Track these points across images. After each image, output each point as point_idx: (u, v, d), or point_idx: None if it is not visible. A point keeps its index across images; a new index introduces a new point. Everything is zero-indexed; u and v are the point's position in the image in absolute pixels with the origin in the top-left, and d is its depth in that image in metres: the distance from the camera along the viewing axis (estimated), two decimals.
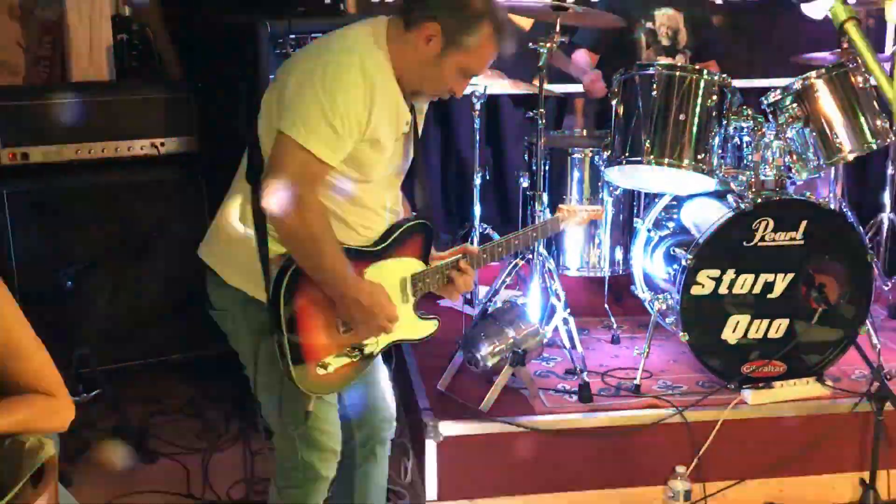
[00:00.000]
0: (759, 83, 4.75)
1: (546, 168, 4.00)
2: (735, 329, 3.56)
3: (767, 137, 3.63)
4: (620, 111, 3.69)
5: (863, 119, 3.67)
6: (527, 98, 3.88)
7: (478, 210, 4.18)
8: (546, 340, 3.69)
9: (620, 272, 4.11)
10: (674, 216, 3.89)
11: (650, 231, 3.86)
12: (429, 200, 2.81)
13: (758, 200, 3.50)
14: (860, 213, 4.46)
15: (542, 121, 3.74)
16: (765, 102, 3.73)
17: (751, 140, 3.66)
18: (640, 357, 3.66)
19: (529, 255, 3.78)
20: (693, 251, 3.49)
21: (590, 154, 4.00)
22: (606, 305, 4.19)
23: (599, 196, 3.99)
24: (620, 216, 4.06)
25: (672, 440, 3.41)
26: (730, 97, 3.64)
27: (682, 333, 3.54)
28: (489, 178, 4.44)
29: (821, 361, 3.62)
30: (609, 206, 3.99)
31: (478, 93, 4.07)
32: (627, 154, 3.61)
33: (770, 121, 3.69)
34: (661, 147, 3.55)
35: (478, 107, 4.10)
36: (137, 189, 4.06)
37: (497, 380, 3.41)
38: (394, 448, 3.18)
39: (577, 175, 4.05)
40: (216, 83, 4.14)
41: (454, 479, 3.33)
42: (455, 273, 2.69)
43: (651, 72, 3.61)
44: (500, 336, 3.49)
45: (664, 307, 3.71)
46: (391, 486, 3.37)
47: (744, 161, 3.73)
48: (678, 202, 3.87)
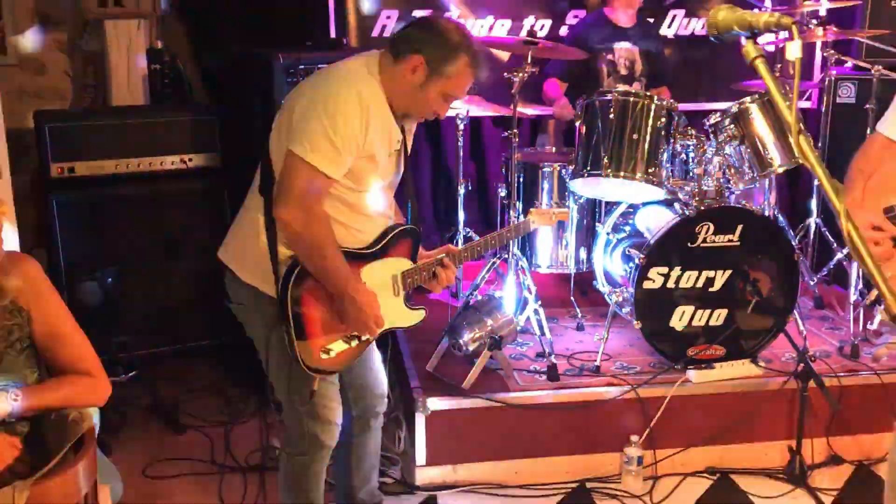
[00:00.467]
0: (705, 106, 4.72)
1: (520, 180, 4.01)
2: (681, 318, 3.57)
3: (709, 153, 3.64)
4: (583, 131, 3.69)
5: (790, 138, 3.73)
6: (505, 119, 3.91)
7: (462, 216, 4.17)
8: (519, 328, 3.72)
9: (584, 269, 4.11)
10: (629, 221, 3.89)
11: (609, 234, 3.87)
12: (417, 208, 2.84)
13: (700, 207, 3.51)
14: (792, 218, 4.47)
15: (516, 140, 3.75)
16: (707, 123, 3.74)
17: (695, 156, 3.67)
18: (601, 342, 3.68)
19: (506, 255, 3.79)
20: (645, 251, 3.50)
21: (558, 168, 3.98)
22: (572, 298, 4.21)
23: (566, 204, 3.98)
24: (584, 221, 4.05)
25: (627, 413, 3.43)
26: (676, 119, 3.66)
27: (636, 322, 3.55)
28: (472, 189, 4.44)
29: (755, 346, 3.64)
30: (574, 213, 3.98)
31: (461, 115, 4.08)
32: (589, 168, 3.62)
33: (711, 139, 3.69)
34: (618, 162, 3.56)
35: (461, 127, 4.10)
36: (168, 199, 4.08)
37: (477, 362, 3.43)
38: (388, 421, 3.21)
39: (547, 186, 4.02)
40: (236, 107, 4.15)
41: (440, 447, 3.35)
42: (439, 269, 2.70)
43: (609, 97, 3.62)
44: (480, 324, 3.52)
45: (621, 299, 3.73)
46: (387, 454, 3.41)
47: (689, 174, 3.73)
48: (633, 209, 3.87)
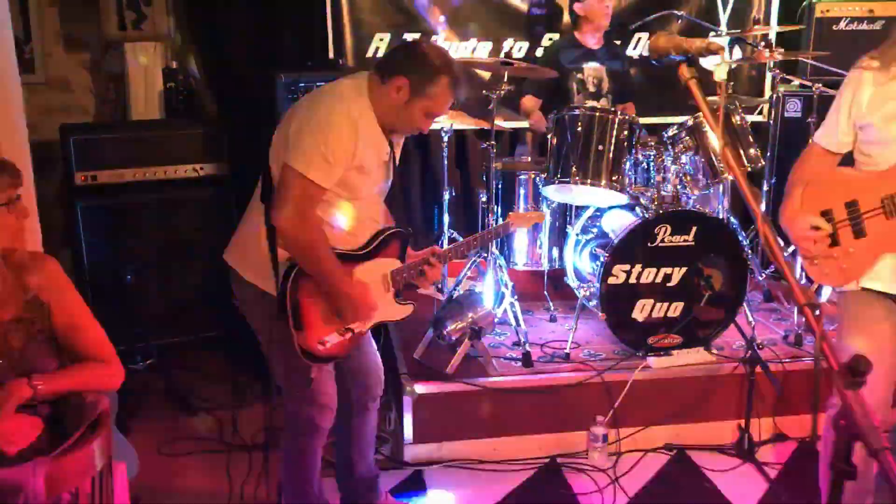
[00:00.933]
0: (668, 120, 4.68)
1: (499, 186, 3.99)
2: (642, 310, 3.57)
3: (667, 162, 3.64)
4: (554, 142, 3.67)
5: (740, 149, 3.70)
6: (486, 132, 3.89)
7: (447, 219, 4.14)
8: (497, 319, 3.70)
9: (556, 266, 4.08)
10: (596, 223, 3.88)
11: (578, 235, 3.87)
12: (403, 213, 2.82)
13: (659, 211, 3.51)
14: (744, 220, 4.43)
15: (494, 151, 3.73)
16: (665, 135, 3.73)
17: (654, 164, 3.66)
18: (570, 332, 3.67)
19: (486, 254, 3.78)
20: (609, 250, 3.50)
21: (532, 175, 3.97)
22: (545, 292, 4.19)
23: (540, 208, 3.96)
24: (556, 223, 4.02)
25: (594, 396, 3.42)
26: (638, 131, 3.65)
27: (602, 314, 3.55)
28: (456, 194, 4.42)
29: (709, 335, 3.63)
30: (547, 216, 3.97)
31: (446, 128, 4.06)
32: (560, 176, 3.60)
33: (669, 150, 3.68)
34: (585, 170, 3.55)
35: (446, 139, 4.08)
36: (181, 204, 4.05)
37: (459, 350, 3.42)
38: (380, 404, 3.20)
39: (523, 192, 4.01)
40: (243, 121, 4.12)
41: (426, 427, 3.34)
42: (427, 267, 2.68)
43: (577, 112, 3.60)
44: (462, 316, 3.50)
45: (589, 293, 3.72)
46: (378, 433, 3.38)
47: (649, 181, 3.73)
48: (600, 212, 3.86)
